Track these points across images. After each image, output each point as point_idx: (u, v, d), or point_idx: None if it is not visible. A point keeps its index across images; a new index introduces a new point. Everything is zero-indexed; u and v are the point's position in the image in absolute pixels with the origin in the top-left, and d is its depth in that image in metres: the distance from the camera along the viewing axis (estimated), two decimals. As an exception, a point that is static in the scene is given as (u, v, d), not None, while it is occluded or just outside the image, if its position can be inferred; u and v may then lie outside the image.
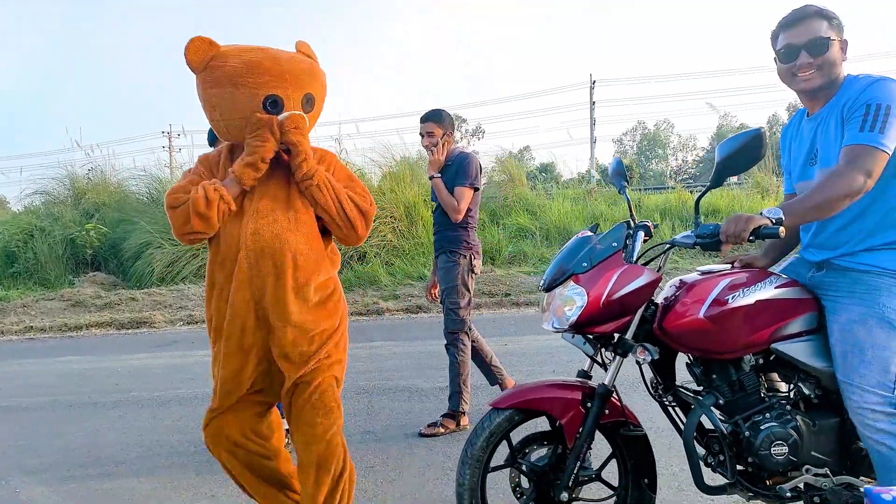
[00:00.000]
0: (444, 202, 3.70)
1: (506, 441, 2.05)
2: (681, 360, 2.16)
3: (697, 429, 2.01)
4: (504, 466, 2.07)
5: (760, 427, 1.92)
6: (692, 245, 1.86)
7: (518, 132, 46.76)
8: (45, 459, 3.73)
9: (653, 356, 1.95)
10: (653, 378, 2.15)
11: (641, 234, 2.06)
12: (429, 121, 3.79)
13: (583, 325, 1.94)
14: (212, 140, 3.95)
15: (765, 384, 2.03)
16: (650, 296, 1.97)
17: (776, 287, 1.98)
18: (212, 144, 3.97)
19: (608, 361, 2.04)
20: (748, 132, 1.81)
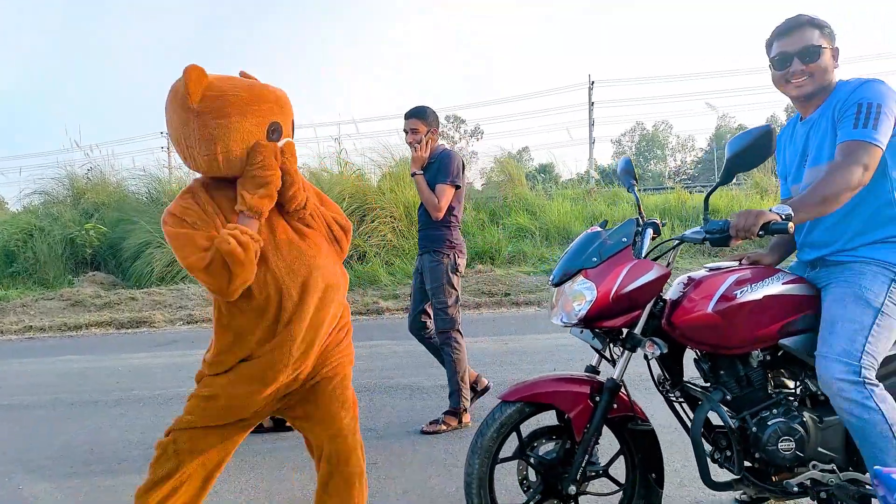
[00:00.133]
0: (425, 200, 3.70)
1: (515, 433, 2.06)
2: (687, 357, 2.17)
3: (704, 425, 2.02)
4: (513, 458, 2.08)
5: (767, 423, 1.93)
6: (702, 240, 1.88)
7: (517, 133, 46.78)
8: (48, 457, 3.72)
9: (662, 350, 1.96)
10: (660, 374, 2.16)
11: (650, 232, 2.07)
12: (413, 117, 3.78)
13: (592, 320, 1.96)
14: None
15: (772, 380, 2.04)
16: (659, 290, 1.98)
17: (783, 283, 2.00)
18: None
19: (616, 356, 2.05)
20: (757, 128, 1.82)
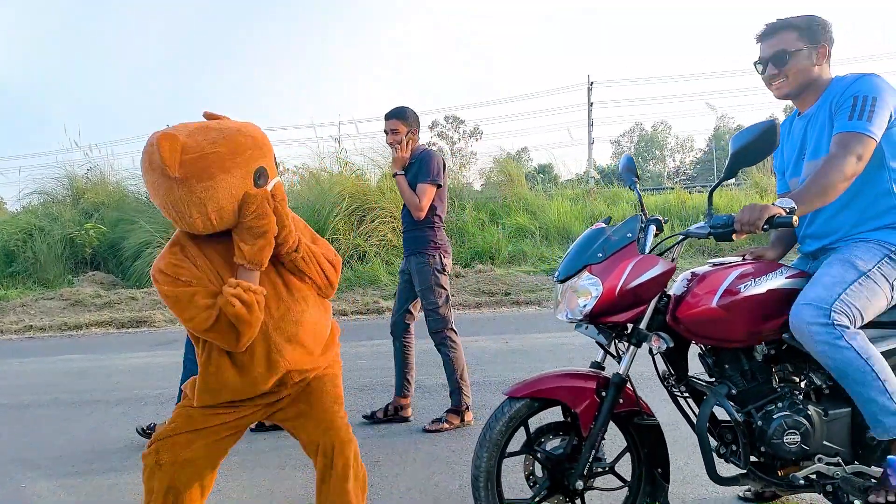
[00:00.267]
0: (407, 200, 3.70)
1: (523, 428, 2.06)
2: (692, 354, 2.17)
3: (709, 420, 2.02)
4: (520, 453, 2.08)
5: (773, 416, 1.94)
6: (706, 235, 1.89)
7: (516, 133, 46.84)
8: (50, 456, 3.72)
9: (668, 344, 1.97)
10: (665, 369, 2.17)
11: (653, 228, 2.09)
12: (393, 118, 3.77)
13: (597, 316, 1.96)
14: None
15: (776, 375, 2.05)
16: (664, 285, 1.99)
17: (787, 277, 2.02)
18: None
19: (622, 352, 2.06)
20: (761, 123, 1.83)
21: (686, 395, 2.14)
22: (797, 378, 2.05)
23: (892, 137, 1.99)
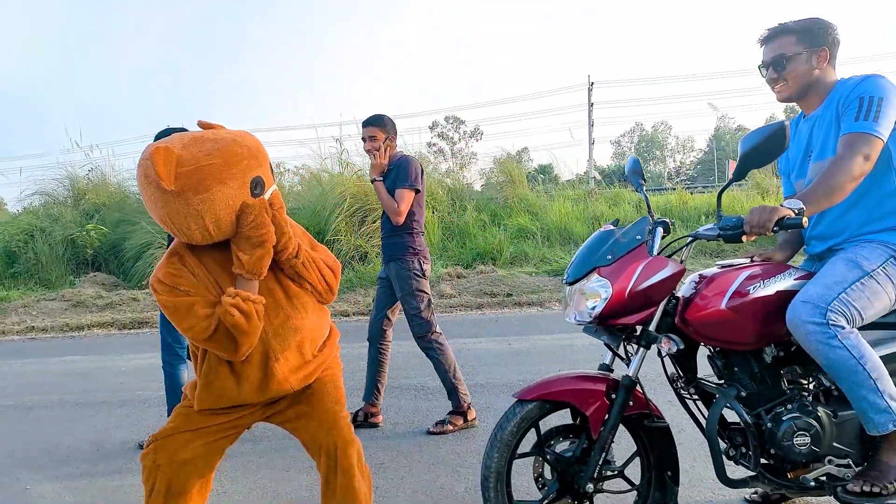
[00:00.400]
0: (386, 205, 3.73)
1: (534, 429, 2.06)
2: (700, 355, 2.17)
3: (718, 422, 2.02)
4: (530, 454, 2.07)
5: (782, 418, 1.94)
6: (716, 237, 1.89)
7: (516, 133, 46.80)
8: (54, 457, 3.72)
9: (678, 346, 1.97)
10: (674, 372, 2.16)
11: (660, 231, 2.09)
12: (371, 125, 3.82)
13: (607, 318, 1.96)
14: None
15: (785, 376, 2.04)
16: (674, 287, 1.99)
17: (795, 279, 2.02)
18: None
19: (631, 354, 2.06)
20: (771, 125, 1.83)
21: (695, 398, 2.14)
22: (806, 380, 2.05)
23: None
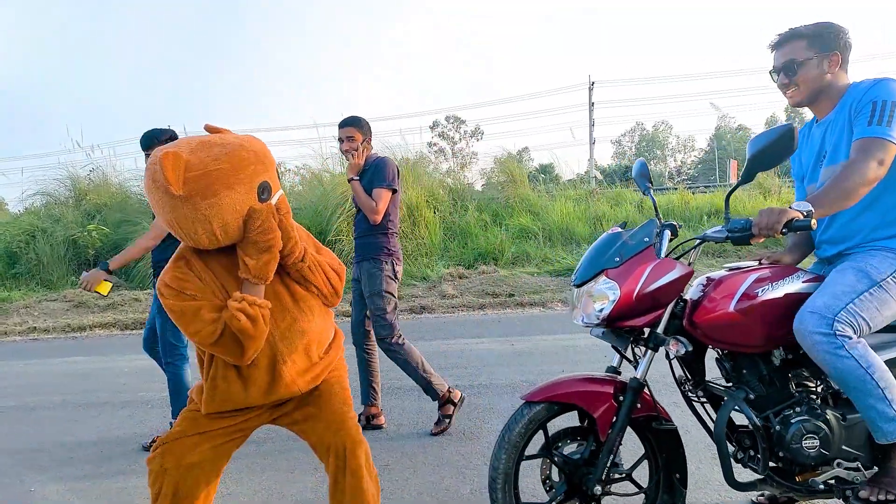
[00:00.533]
0: (363, 204, 3.75)
1: (542, 431, 2.05)
2: (708, 359, 2.16)
3: (726, 425, 2.01)
4: (538, 456, 2.07)
5: (791, 421, 1.93)
6: (724, 239, 1.89)
7: (517, 133, 46.77)
8: (58, 458, 3.72)
9: (687, 348, 1.96)
10: (682, 374, 2.16)
11: (668, 233, 2.08)
12: (348, 126, 3.87)
13: (615, 320, 1.95)
14: (146, 145, 3.79)
15: (793, 379, 2.04)
16: (682, 289, 1.98)
17: (804, 281, 2.01)
18: (147, 149, 3.79)
19: (639, 356, 2.05)
20: (779, 127, 1.83)
21: (703, 401, 2.13)
22: (814, 382, 2.04)
23: None
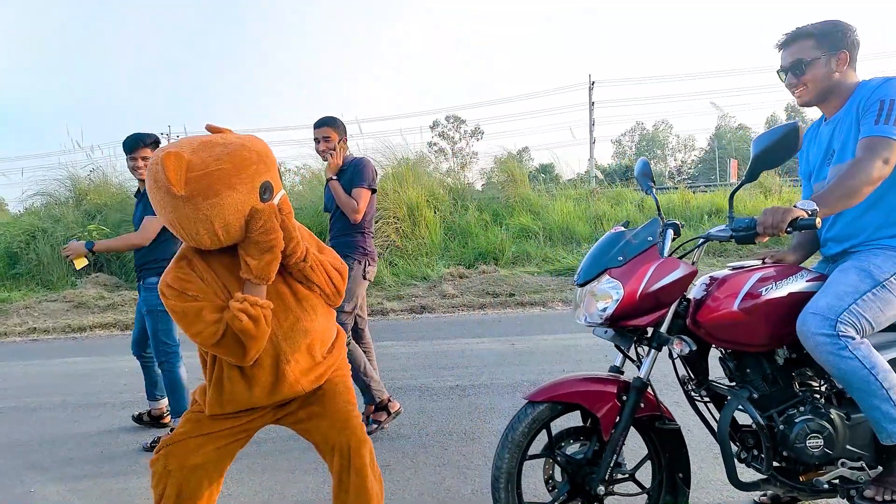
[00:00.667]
0: (343, 204, 3.74)
1: (545, 430, 2.04)
2: (711, 358, 2.15)
3: (730, 425, 2.01)
4: (541, 455, 2.06)
5: (795, 420, 1.93)
6: (728, 238, 1.88)
7: (517, 133, 46.84)
8: (58, 459, 3.71)
9: (691, 347, 1.96)
10: (685, 374, 2.15)
11: (670, 233, 2.07)
12: (325, 126, 3.86)
13: (618, 319, 1.95)
14: (130, 148, 3.78)
15: (797, 378, 2.03)
16: (686, 288, 1.98)
17: (807, 280, 2.01)
18: (130, 152, 3.79)
19: (642, 356, 2.04)
20: (784, 126, 1.82)
21: (706, 400, 2.13)
22: (818, 382, 2.04)
23: None
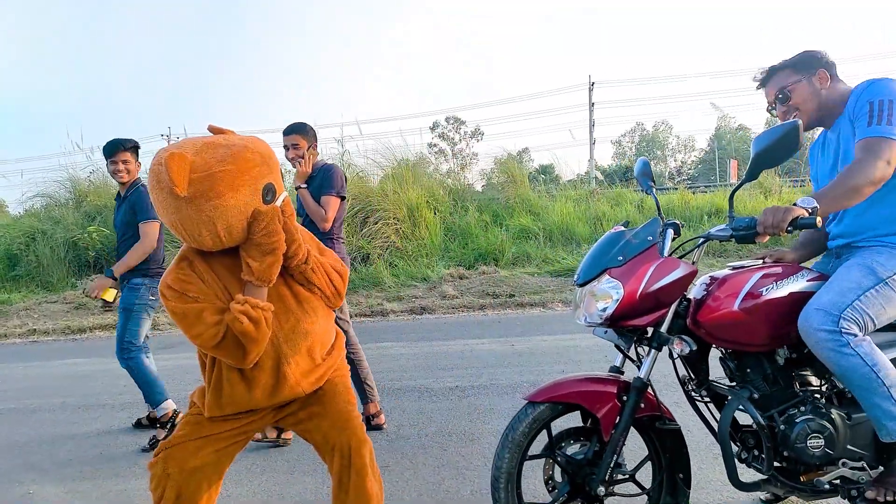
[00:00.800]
0: (312, 212, 3.73)
1: (545, 431, 2.04)
2: (712, 358, 2.15)
3: (730, 425, 2.00)
4: (541, 456, 2.06)
5: (795, 420, 1.92)
6: (728, 237, 1.88)
7: (517, 134, 46.83)
8: (57, 460, 3.71)
9: (691, 347, 1.95)
10: (685, 374, 2.15)
11: (670, 232, 2.07)
12: (294, 133, 3.82)
13: (618, 319, 1.94)
14: (110, 152, 3.86)
15: (797, 378, 2.03)
16: (686, 288, 1.97)
17: (808, 280, 2.00)
18: (109, 156, 3.89)
19: (642, 356, 2.04)
20: (784, 125, 1.81)
21: (706, 400, 2.12)
22: (819, 381, 2.03)
23: None
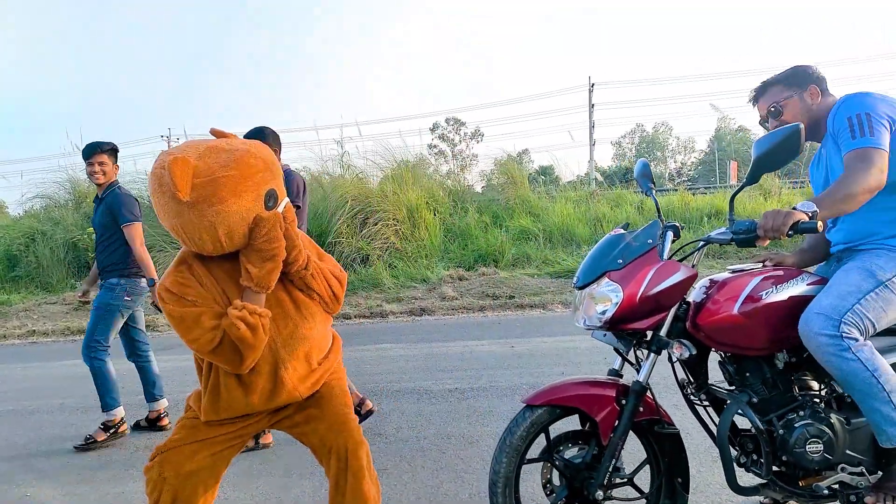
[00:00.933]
0: None
1: (544, 434, 2.03)
2: (711, 361, 2.14)
3: (729, 429, 1.99)
4: (539, 460, 2.05)
5: (794, 425, 1.91)
6: (729, 241, 1.87)
7: (517, 135, 46.72)
8: (56, 462, 3.70)
9: (691, 351, 1.94)
10: (684, 377, 2.14)
11: (670, 235, 2.06)
12: (255, 138, 3.79)
13: (617, 322, 1.93)
14: (88, 155, 3.91)
15: (797, 383, 2.02)
16: (686, 292, 1.96)
17: (808, 284, 1.99)
18: (88, 158, 3.96)
19: (641, 359, 2.03)
20: (786, 128, 1.81)
21: (705, 404, 2.11)
22: (818, 386, 2.02)
23: None
